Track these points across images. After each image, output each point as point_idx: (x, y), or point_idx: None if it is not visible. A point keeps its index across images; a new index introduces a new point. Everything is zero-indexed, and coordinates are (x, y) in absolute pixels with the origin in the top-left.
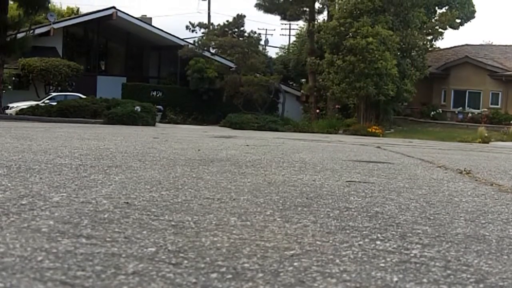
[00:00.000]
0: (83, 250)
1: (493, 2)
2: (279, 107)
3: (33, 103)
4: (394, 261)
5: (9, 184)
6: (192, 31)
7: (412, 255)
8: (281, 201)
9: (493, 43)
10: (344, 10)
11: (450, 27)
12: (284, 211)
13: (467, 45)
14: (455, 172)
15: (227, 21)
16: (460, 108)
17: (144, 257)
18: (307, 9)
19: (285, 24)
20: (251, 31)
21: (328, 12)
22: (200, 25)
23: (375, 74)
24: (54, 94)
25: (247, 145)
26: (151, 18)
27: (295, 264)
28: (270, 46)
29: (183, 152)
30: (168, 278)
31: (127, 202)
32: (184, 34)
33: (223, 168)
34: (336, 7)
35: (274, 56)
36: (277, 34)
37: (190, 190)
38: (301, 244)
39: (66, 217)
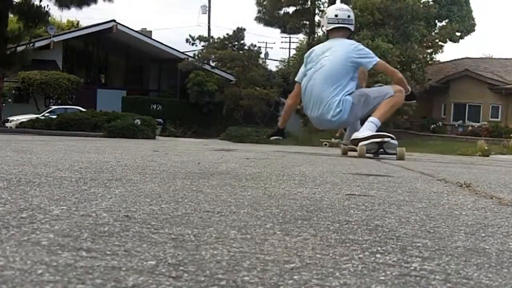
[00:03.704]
0: (83, 263)
1: (493, 16)
2: (279, 120)
3: (33, 116)
4: (394, 274)
5: (9, 197)
6: (192, 44)
7: (412, 268)
8: (281, 214)
9: (493, 56)
10: None
11: (450, 40)
12: (284, 224)
13: (467, 58)
14: (455, 185)
15: (227, 34)
16: (460, 121)
17: (144, 270)
18: (307, 22)
19: (285, 37)
20: (251, 44)
21: None
22: (200, 38)
23: None
24: (54, 107)
25: (247, 158)
26: (151, 31)
27: (295, 277)
28: (270, 59)
29: (183, 165)
30: None
31: (127, 215)
32: (184, 47)
33: (223, 181)
34: None
35: (274, 69)
36: (277, 47)
37: (190, 203)
38: (301, 257)
39: (66, 230)
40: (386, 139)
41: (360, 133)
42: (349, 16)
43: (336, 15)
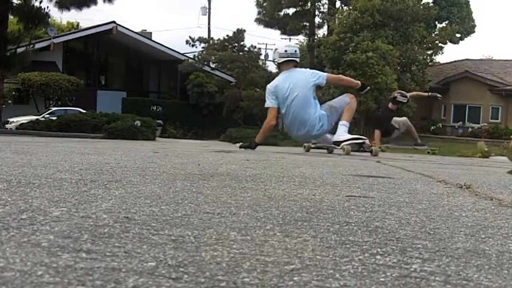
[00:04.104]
0: (83, 265)
1: (493, 17)
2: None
3: (33, 117)
4: (394, 276)
5: (9, 199)
6: (192, 45)
7: (412, 269)
8: (281, 216)
9: (493, 58)
10: (344, 25)
11: (450, 41)
12: (284, 225)
13: (467, 59)
14: (455, 187)
15: (227, 35)
16: (460, 122)
17: (144, 271)
18: (307, 24)
19: (285, 38)
20: (251, 45)
21: (328, 26)
22: (200, 39)
23: (375, 88)
24: (54, 108)
25: (247, 160)
26: (151, 32)
27: (295, 278)
28: (270, 60)
29: (183, 167)
30: None
31: (127, 217)
32: (184, 48)
33: (223, 182)
34: (336, 22)
35: (274, 70)
36: None
37: (190, 204)
38: (301, 259)
39: (66, 232)
40: (363, 141)
41: (341, 136)
42: (295, 51)
43: (286, 51)
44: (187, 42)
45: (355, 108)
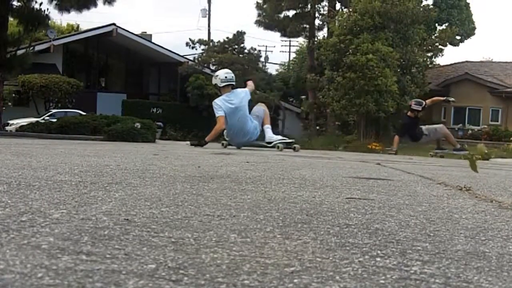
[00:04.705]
0: (83, 267)
1: (493, 19)
2: (279, 124)
3: (33, 119)
4: (394, 278)
5: (9, 201)
6: (192, 47)
7: (412, 271)
8: (281, 218)
9: (493, 60)
10: (344, 27)
11: (450, 44)
12: (284, 227)
13: (467, 61)
14: (455, 189)
15: (227, 37)
16: (460, 124)
17: (144, 273)
18: (307, 26)
19: (285, 40)
20: (251, 47)
21: (328, 29)
22: (200, 41)
23: (375, 90)
24: (54, 110)
25: (247, 162)
26: (151, 35)
27: (295, 280)
28: (270, 62)
29: (183, 169)
30: None
31: (127, 219)
32: (184, 50)
33: (223, 184)
34: (336, 24)
35: (274, 72)
36: (277, 50)
37: (190, 206)
38: (301, 261)
39: (66, 234)
40: (291, 141)
41: (273, 137)
42: (232, 77)
43: (226, 77)
44: (187, 44)
45: (268, 111)
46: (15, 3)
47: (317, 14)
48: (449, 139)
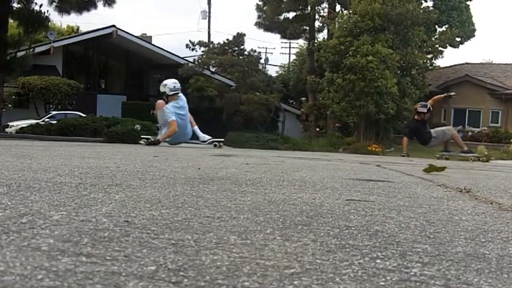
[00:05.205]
0: (83, 269)
1: (493, 21)
2: (279, 126)
3: (33, 121)
4: (394, 280)
5: (9, 203)
6: (192, 49)
7: (412, 273)
8: (281, 220)
9: (493, 62)
10: (344, 29)
11: (450, 45)
12: (284, 229)
13: (467, 63)
14: (455, 191)
15: (227, 39)
16: (460, 126)
17: (144, 275)
18: (307, 28)
19: (285, 42)
20: (251, 49)
21: (328, 30)
22: (200, 43)
23: (375, 92)
24: (54, 112)
25: (247, 164)
26: (151, 36)
27: (295, 282)
28: (270, 64)
29: (183, 171)
30: None
31: (127, 221)
32: (184, 52)
33: (223, 186)
34: (336, 26)
35: (274, 74)
36: (277, 52)
37: (190, 208)
38: (301, 263)
39: (66, 236)
40: (220, 140)
41: (205, 136)
42: (179, 86)
43: (174, 86)
44: (187, 46)
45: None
46: (15, 4)
47: (317, 16)
48: (457, 141)
